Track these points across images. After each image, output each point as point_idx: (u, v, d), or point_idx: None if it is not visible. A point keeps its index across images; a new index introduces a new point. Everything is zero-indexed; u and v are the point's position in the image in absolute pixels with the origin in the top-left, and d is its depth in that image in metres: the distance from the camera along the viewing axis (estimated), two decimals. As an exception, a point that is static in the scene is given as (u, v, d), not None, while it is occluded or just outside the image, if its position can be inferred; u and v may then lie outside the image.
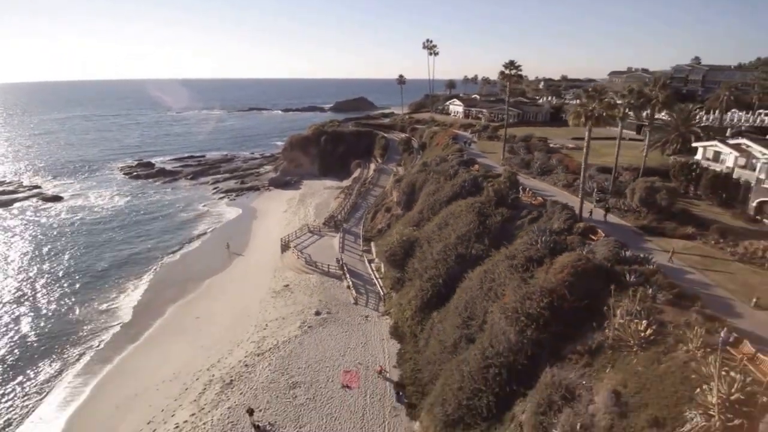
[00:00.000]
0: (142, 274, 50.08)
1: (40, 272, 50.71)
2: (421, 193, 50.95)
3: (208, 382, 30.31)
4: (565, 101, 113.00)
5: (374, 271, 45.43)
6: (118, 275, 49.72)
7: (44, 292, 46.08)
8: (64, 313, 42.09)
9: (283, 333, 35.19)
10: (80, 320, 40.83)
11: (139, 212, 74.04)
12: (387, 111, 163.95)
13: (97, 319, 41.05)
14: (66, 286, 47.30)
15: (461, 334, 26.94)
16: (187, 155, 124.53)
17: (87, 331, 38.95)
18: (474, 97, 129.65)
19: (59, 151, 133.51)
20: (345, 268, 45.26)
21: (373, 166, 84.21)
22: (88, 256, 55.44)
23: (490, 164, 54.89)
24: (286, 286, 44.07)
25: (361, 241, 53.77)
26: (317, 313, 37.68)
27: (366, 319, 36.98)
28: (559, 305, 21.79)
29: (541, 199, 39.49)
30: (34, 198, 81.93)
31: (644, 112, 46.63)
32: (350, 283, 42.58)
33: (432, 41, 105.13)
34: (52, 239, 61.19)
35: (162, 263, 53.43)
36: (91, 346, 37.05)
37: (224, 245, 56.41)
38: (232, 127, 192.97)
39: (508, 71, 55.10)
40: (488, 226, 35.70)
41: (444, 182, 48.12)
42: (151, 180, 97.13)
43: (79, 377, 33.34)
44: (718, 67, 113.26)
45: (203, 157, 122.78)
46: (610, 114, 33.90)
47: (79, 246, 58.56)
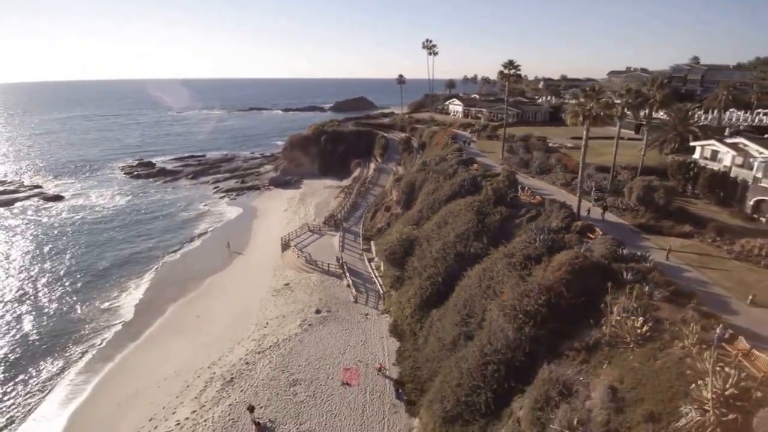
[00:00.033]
0: (144, 273, 50.34)
1: (41, 271, 50.95)
2: (421, 192, 51.17)
3: (209, 380, 30.54)
4: (565, 101, 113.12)
5: (374, 270, 45.64)
6: (120, 274, 49.98)
7: (46, 291, 46.32)
8: (66, 312, 42.35)
9: (283, 331, 35.40)
10: (82, 319, 41.09)
11: (140, 211, 74.31)
12: (387, 111, 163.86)
13: (99, 317, 41.31)
14: (68, 285, 47.54)
15: (460, 331, 27.14)
16: (187, 155, 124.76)
17: (89, 330, 39.23)
18: (473, 96, 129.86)
19: (60, 150, 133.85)
20: (345, 267, 45.49)
21: (372, 166, 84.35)
22: (90, 255, 55.70)
23: (489, 163, 55.09)
24: (287, 284, 44.29)
25: (361, 239, 53.98)
26: (317, 312, 37.90)
27: (366, 317, 37.20)
28: (557, 303, 22.00)
29: (540, 197, 39.71)
30: (36, 197, 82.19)
31: (642, 112, 46.84)
32: (350, 282, 42.80)
33: (431, 41, 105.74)
34: (54, 238, 61.43)
35: (163, 262, 53.69)
36: (93, 344, 37.31)
37: (225, 244, 56.71)
38: (233, 127, 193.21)
39: (507, 71, 55.37)
40: (487, 224, 35.94)
41: (443, 181, 48.32)
42: (151, 179, 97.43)
43: (81, 375, 33.60)
44: (717, 67, 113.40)
45: (204, 156, 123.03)
46: (608, 113, 34.09)
47: (80, 245, 58.80)
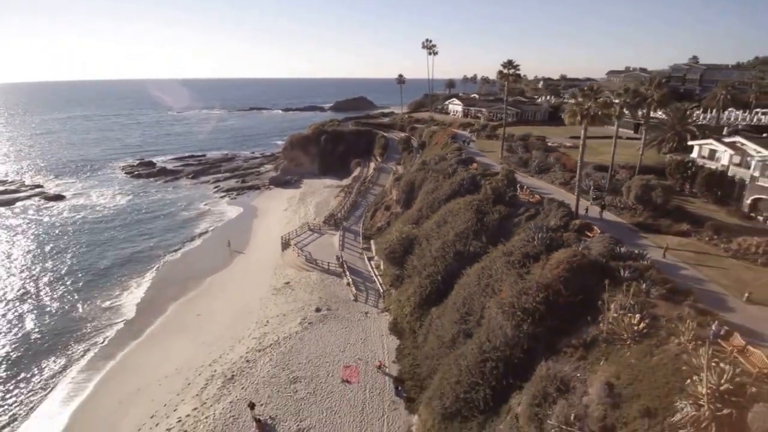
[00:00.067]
0: (145, 272, 50.58)
1: (43, 270, 51.19)
2: (420, 191, 51.38)
3: (209, 378, 30.76)
4: (564, 100, 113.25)
5: (374, 269, 45.86)
6: (121, 273, 50.24)
7: (48, 290, 46.57)
8: (68, 311, 42.59)
9: (283, 329, 35.61)
10: (84, 317, 41.33)
11: (141, 211, 74.57)
12: (387, 110, 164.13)
13: (101, 316, 41.56)
14: (69, 284, 47.77)
15: (459, 329, 27.35)
16: (188, 154, 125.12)
17: (90, 328, 39.48)
18: (473, 96, 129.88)
19: (61, 150, 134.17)
20: (345, 266, 45.70)
21: (372, 165, 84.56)
22: (91, 254, 55.94)
23: (488, 163, 55.27)
24: (287, 283, 44.49)
25: (361, 239, 54.19)
26: (317, 310, 38.11)
27: (365, 316, 37.41)
28: (555, 300, 22.20)
29: (539, 196, 39.92)
30: (37, 197, 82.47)
31: (640, 111, 47.03)
32: (350, 281, 43.01)
33: (431, 41, 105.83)
34: (55, 238, 61.67)
35: (164, 261, 53.94)
36: (95, 342, 37.57)
37: (225, 243, 56.94)
38: (233, 127, 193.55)
39: (506, 71, 55.51)
40: (486, 223, 36.13)
41: (443, 181, 48.53)
42: (152, 179, 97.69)
43: (82, 373, 33.85)
44: (716, 66, 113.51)
45: (204, 156, 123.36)
46: (606, 113, 34.20)
47: (81, 244, 59.05)
